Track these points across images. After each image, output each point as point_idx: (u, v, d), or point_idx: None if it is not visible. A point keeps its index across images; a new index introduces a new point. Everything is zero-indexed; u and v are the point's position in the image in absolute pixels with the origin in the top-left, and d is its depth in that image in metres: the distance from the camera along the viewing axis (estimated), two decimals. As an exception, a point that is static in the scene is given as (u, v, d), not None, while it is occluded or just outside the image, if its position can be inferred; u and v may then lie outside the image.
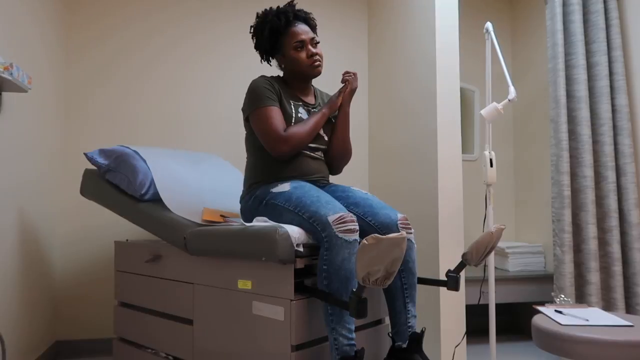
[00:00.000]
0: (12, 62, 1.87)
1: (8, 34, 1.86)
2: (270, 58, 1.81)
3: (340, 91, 1.78)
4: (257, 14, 1.77)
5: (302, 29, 1.71)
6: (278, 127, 1.62)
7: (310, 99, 1.82)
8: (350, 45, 3.06)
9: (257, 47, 1.80)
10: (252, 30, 1.79)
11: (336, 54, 3.01)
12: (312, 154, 1.73)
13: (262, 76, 1.73)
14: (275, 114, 1.65)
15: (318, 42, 1.74)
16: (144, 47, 2.73)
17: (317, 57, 1.72)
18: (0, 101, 1.79)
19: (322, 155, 1.79)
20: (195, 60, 2.80)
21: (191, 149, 2.76)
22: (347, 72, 1.80)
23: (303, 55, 1.71)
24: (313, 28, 1.78)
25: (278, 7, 1.74)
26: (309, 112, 1.77)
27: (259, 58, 1.82)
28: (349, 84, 1.78)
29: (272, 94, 1.68)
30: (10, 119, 1.90)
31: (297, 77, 1.77)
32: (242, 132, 2.68)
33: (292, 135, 1.63)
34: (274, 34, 1.72)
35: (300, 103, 1.76)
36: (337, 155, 1.80)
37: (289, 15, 1.71)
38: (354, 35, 3.07)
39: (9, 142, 1.89)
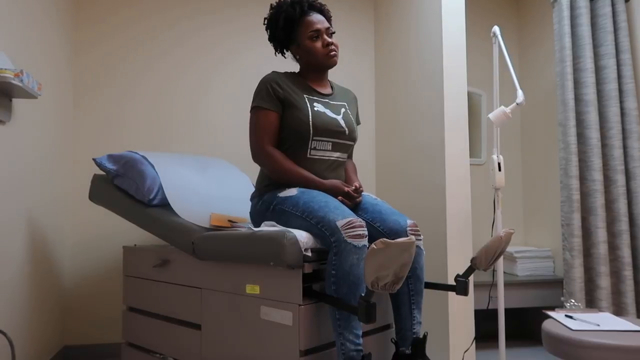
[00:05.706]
0: (22, 68, 1.89)
1: (16, 41, 1.88)
2: (285, 50, 1.79)
3: (345, 188, 1.63)
4: (271, 5, 1.75)
5: (317, 18, 1.69)
6: (261, 136, 1.64)
7: (327, 90, 1.79)
8: (356, 51, 3.06)
9: (271, 39, 1.78)
10: (265, 22, 1.77)
11: (341, 60, 3.01)
12: (326, 157, 1.70)
13: (273, 72, 1.71)
14: (263, 119, 1.65)
15: (334, 33, 1.72)
16: (149, 52, 2.74)
17: (333, 46, 1.69)
18: (11, 108, 1.81)
19: (343, 152, 1.74)
20: (209, 66, 2.82)
21: (200, 153, 2.77)
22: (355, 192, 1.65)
23: (319, 44, 1.68)
24: (328, 19, 1.76)
25: None
26: (326, 105, 1.71)
27: (276, 59, 1.76)
28: (347, 199, 1.63)
29: (271, 95, 1.65)
30: (21, 125, 1.91)
31: (313, 67, 1.74)
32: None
33: (272, 157, 1.63)
34: (288, 23, 1.70)
35: (316, 97, 1.72)
36: None
37: (304, 5, 1.70)
38: (360, 40, 3.07)
39: (22, 149, 1.91)
